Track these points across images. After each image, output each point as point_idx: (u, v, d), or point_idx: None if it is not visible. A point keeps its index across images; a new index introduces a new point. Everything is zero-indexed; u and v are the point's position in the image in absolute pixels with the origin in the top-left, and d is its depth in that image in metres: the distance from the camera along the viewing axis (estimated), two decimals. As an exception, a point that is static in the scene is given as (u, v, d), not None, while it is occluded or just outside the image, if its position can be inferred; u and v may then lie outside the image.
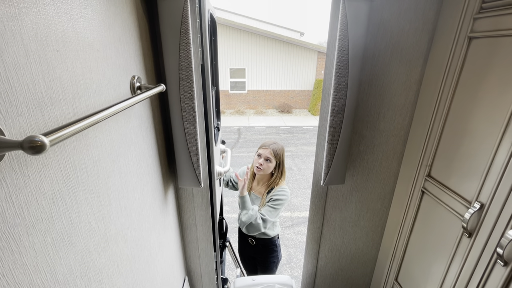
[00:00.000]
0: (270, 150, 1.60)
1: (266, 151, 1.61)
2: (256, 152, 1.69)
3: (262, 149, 1.63)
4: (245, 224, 1.58)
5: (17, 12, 0.38)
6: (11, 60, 0.37)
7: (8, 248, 0.37)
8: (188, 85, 0.94)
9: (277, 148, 1.63)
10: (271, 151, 1.60)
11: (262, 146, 1.64)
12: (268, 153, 1.60)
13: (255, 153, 1.69)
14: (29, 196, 0.40)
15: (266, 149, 1.61)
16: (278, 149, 1.64)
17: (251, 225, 1.57)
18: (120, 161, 0.70)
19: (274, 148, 1.62)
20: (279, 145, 1.67)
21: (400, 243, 1.29)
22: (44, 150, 0.33)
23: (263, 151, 1.62)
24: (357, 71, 0.99)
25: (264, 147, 1.62)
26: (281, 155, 1.65)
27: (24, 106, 0.40)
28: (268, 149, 1.61)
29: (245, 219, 1.56)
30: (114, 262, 0.66)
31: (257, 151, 1.68)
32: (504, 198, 0.76)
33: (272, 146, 1.62)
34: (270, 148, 1.61)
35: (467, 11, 0.88)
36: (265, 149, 1.61)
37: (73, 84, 0.51)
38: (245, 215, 1.57)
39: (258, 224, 1.57)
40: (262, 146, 1.65)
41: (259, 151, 1.64)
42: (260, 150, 1.64)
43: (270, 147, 1.61)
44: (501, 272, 0.77)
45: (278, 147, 1.65)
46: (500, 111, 0.77)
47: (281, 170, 1.67)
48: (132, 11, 0.77)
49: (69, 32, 0.50)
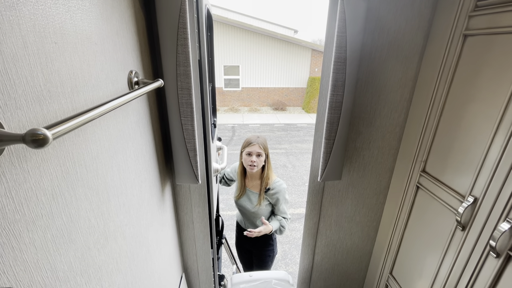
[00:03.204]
0: (258, 145, 1.61)
1: (255, 147, 1.60)
2: (242, 151, 1.67)
3: (250, 146, 1.61)
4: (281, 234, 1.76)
5: (15, 2, 0.37)
6: (9, 52, 0.36)
7: (8, 244, 0.36)
8: (186, 81, 0.93)
9: (263, 141, 1.65)
10: (259, 145, 1.61)
11: (249, 144, 1.62)
12: (257, 149, 1.60)
13: (241, 152, 1.67)
14: (28, 191, 0.39)
15: (254, 145, 1.61)
16: (264, 142, 1.66)
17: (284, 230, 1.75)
18: (119, 157, 0.69)
19: (261, 142, 1.63)
20: (262, 137, 1.68)
21: (395, 237, 1.31)
22: (46, 143, 0.32)
23: (252, 148, 1.61)
24: (354, 68, 0.99)
25: (252, 144, 1.61)
26: (267, 147, 1.67)
27: (23, 99, 0.39)
28: (256, 144, 1.61)
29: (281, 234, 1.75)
30: (113, 259, 0.65)
31: (243, 150, 1.66)
32: (497, 192, 0.78)
33: (259, 141, 1.62)
34: (258, 143, 1.61)
35: (462, 9, 0.89)
36: (254, 146, 1.61)
37: (71, 78, 0.49)
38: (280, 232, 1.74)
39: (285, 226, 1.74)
40: (249, 143, 1.63)
41: (247, 150, 1.62)
42: (248, 148, 1.62)
43: (257, 142, 1.61)
44: (494, 264, 0.79)
45: (263, 140, 1.66)
46: (493, 107, 0.79)
47: (269, 161, 1.69)
48: (129, 5, 0.76)
49: (67, 24, 0.48)
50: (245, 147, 1.64)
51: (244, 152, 1.64)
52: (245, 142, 1.66)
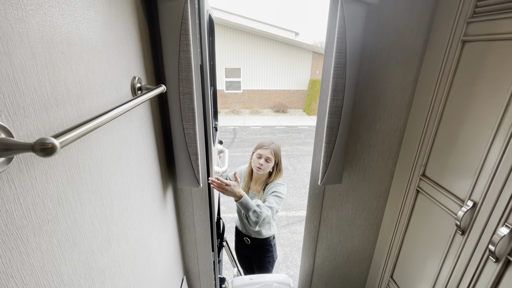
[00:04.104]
0: (271, 150, 1.62)
1: (266, 151, 1.62)
2: (254, 152, 1.69)
3: (262, 149, 1.63)
4: (257, 223, 1.43)
5: (24, 15, 0.39)
6: (19, 62, 0.38)
7: (16, 249, 0.37)
8: (188, 86, 0.94)
9: (276, 148, 1.66)
10: (271, 151, 1.62)
11: (262, 147, 1.65)
12: (268, 153, 1.61)
13: (253, 153, 1.69)
14: (36, 197, 0.41)
15: (266, 149, 1.62)
16: (277, 149, 1.66)
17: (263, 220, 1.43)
18: (122, 162, 0.70)
19: (274, 148, 1.64)
20: (277, 144, 1.68)
21: (395, 241, 1.31)
22: (55, 152, 0.33)
23: (263, 151, 1.62)
24: (354, 72, 1.00)
25: (264, 147, 1.63)
26: (279, 155, 1.67)
27: (31, 108, 0.40)
28: (269, 149, 1.62)
29: (255, 218, 1.41)
30: (116, 262, 0.66)
31: (255, 151, 1.68)
32: (496, 196, 0.78)
33: (272, 146, 1.64)
34: (270, 148, 1.62)
35: (461, 15, 0.91)
36: (266, 150, 1.62)
37: (77, 86, 0.51)
38: (254, 215, 1.41)
39: (267, 216, 1.45)
40: (261, 146, 1.65)
41: (258, 152, 1.64)
42: (259, 151, 1.64)
43: (270, 147, 1.62)
44: (493, 268, 0.80)
45: (277, 147, 1.67)
46: (492, 112, 0.80)
47: (278, 169, 1.69)
48: (133, 12, 0.77)
49: (73, 34, 0.50)
50: (257, 148, 1.67)
51: (255, 153, 1.66)
52: (258, 144, 1.68)
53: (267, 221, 1.45)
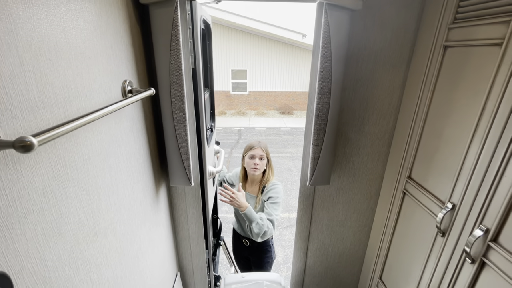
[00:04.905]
0: (261, 148, 1.66)
1: (258, 150, 1.65)
2: (244, 155, 1.71)
3: (253, 150, 1.67)
4: (259, 235, 1.51)
5: (13, 27, 0.44)
6: (7, 70, 0.43)
7: (1, 234, 0.42)
8: (179, 89, 0.99)
9: (265, 145, 1.70)
10: (262, 148, 1.66)
11: (252, 148, 1.68)
12: (260, 152, 1.65)
13: (243, 156, 1.72)
14: (21, 189, 0.45)
15: (257, 148, 1.66)
16: (265, 146, 1.71)
17: (265, 232, 1.52)
18: (111, 160, 0.75)
19: (263, 146, 1.68)
20: (263, 141, 1.74)
21: (384, 243, 1.33)
22: (32, 149, 0.38)
23: (255, 151, 1.66)
24: (340, 76, 1.03)
25: (254, 147, 1.67)
26: (268, 151, 1.72)
27: (18, 110, 0.45)
28: (259, 148, 1.66)
29: (257, 230, 1.49)
30: (102, 253, 0.71)
31: (245, 154, 1.70)
32: (472, 198, 0.80)
33: (260, 145, 1.68)
34: (260, 146, 1.66)
35: (443, 21, 0.92)
36: (257, 149, 1.66)
37: (64, 89, 0.56)
38: (256, 227, 1.50)
39: (269, 229, 1.53)
40: (251, 147, 1.68)
41: (250, 153, 1.67)
42: (251, 152, 1.67)
43: (259, 146, 1.66)
44: (470, 270, 0.81)
45: (264, 144, 1.71)
46: (469, 116, 0.82)
47: (270, 165, 1.72)
48: (125, 20, 0.83)
49: (62, 43, 0.55)
50: (247, 151, 1.70)
51: (247, 156, 1.69)
52: (246, 147, 1.72)
53: (269, 233, 1.54)
